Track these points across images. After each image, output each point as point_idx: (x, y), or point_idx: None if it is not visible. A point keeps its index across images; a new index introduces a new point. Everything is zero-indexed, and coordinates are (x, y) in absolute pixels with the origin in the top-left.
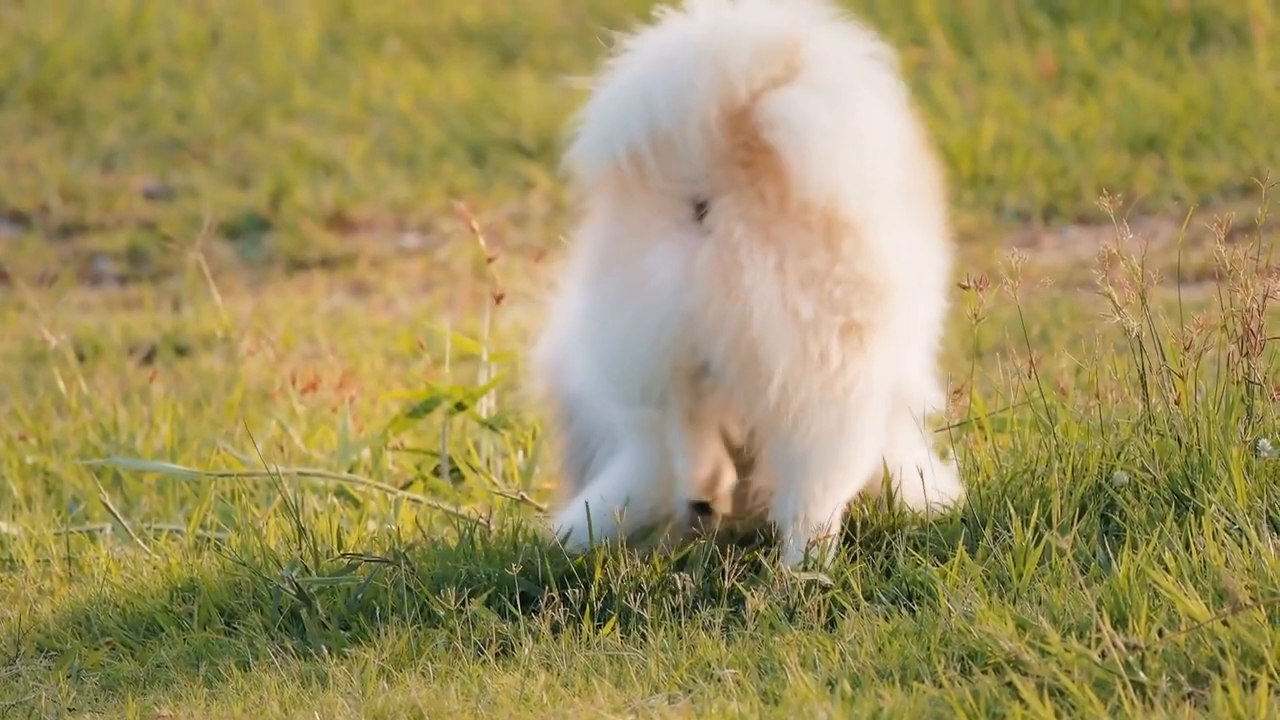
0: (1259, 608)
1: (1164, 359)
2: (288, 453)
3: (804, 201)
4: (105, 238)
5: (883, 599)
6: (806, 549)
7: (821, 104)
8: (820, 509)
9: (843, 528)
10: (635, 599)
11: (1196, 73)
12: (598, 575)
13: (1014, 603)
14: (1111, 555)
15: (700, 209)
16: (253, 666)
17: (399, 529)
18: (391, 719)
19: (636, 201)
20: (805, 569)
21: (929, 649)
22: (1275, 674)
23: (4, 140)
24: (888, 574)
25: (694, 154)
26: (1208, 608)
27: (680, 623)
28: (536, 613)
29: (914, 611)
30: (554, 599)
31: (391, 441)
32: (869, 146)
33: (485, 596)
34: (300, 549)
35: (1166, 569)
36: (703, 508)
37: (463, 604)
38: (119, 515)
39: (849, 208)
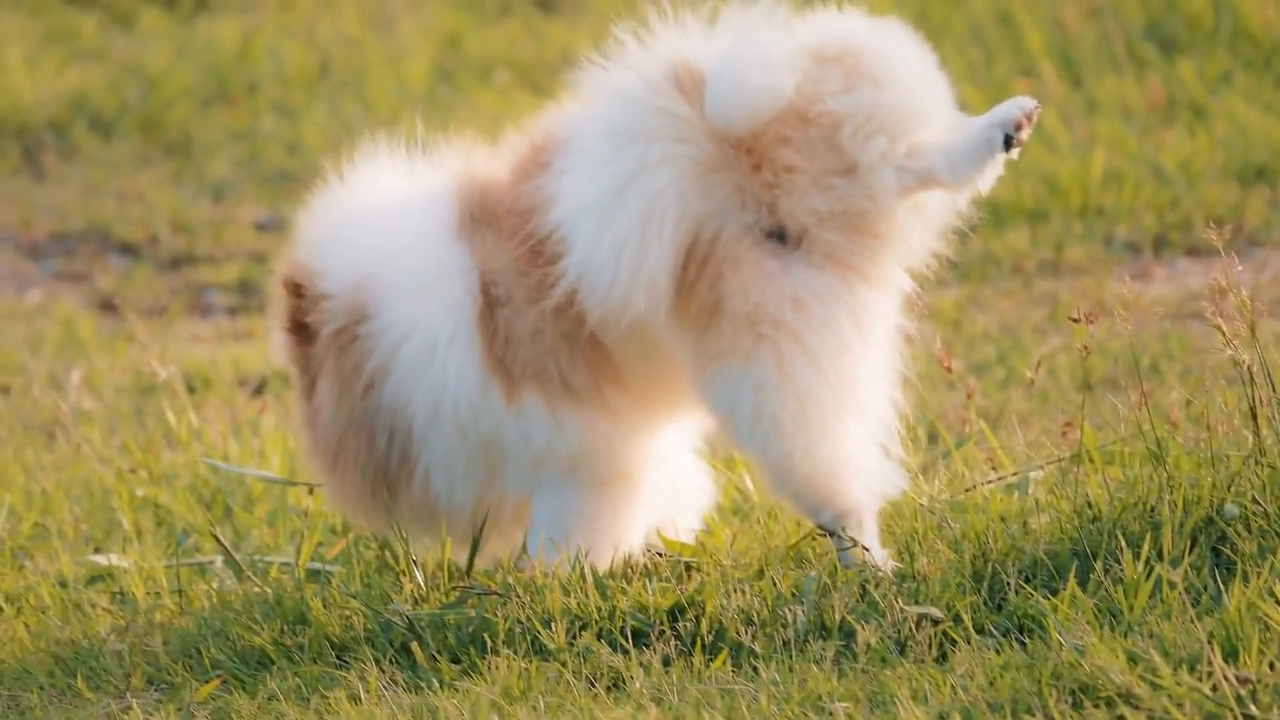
0: None
1: (1275, 391)
2: None
3: None
4: (215, 269)
5: (994, 632)
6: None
7: None
8: None
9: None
10: (746, 632)
11: None
12: (709, 608)
13: (1125, 635)
14: (1222, 588)
15: None
16: (363, 700)
17: (510, 562)
18: None
19: None
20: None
21: (1040, 682)
22: None
23: (113, 171)
24: (999, 607)
25: None
26: None
27: (791, 656)
28: (647, 646)
29: (1025, 644)
30: (664, 632)
31: None
32: None
33: (596, 630)
34: (411, 582)
35: (1278, 601)
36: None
37: (573, 637)
38: (229, 548)
39: None
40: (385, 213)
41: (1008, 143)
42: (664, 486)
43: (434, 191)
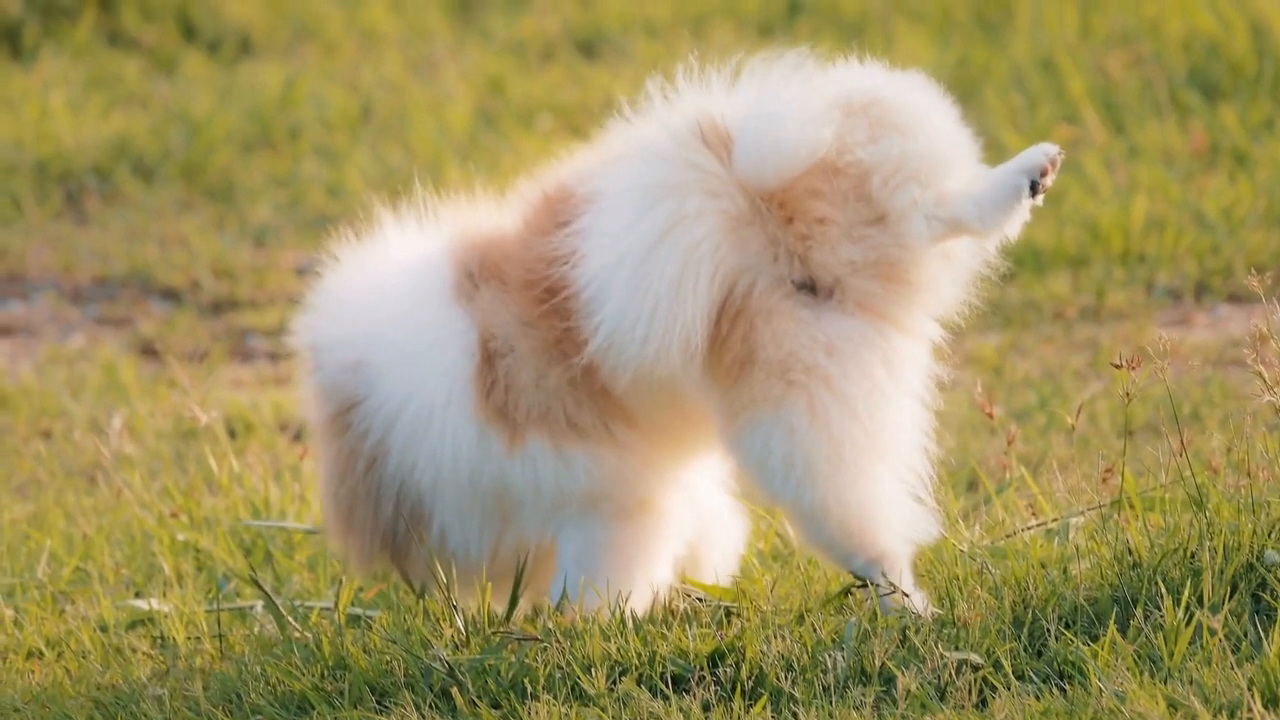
0: None
1: None
2: None
3: None
4: (257, 314)
5: (1034, 678)
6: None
7: None
8: None
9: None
10: (786, 678)
11: None
12: (749, 654)
13: (1165, 682)
14: (1263, 634)
15: None
16: None
17: (550, 607)
18: None
19: None
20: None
21: None
22: None
23: (156, 216)
24: (1039, 653)
25: None
26: None
27: (831, 702)
28: (687, 691)
29: (1065, 691)
30: (704, 678)
31: None
32: None
33: (636, 675)
34: (451, 627)
35: None
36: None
37: (613, 683)
38: (270, 593)
39: None
40: (377, 291)
41: (1034, 188)
42: (690, 520)
43: (429, 257)
